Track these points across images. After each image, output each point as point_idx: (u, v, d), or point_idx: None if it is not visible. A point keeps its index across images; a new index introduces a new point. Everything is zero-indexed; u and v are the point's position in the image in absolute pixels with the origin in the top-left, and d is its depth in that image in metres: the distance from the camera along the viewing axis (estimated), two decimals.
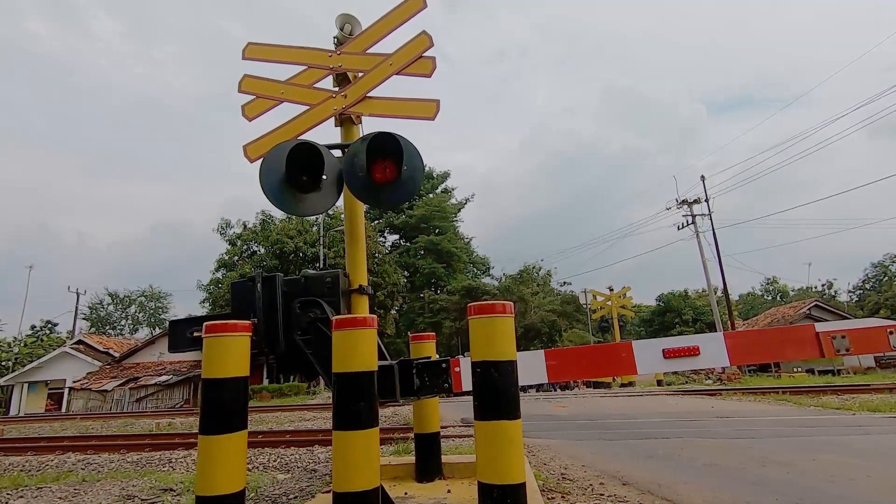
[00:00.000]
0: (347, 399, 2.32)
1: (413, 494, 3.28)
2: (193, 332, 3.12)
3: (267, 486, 4.62)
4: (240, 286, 3.14)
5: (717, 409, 9.97)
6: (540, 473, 4.46)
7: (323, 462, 6.04)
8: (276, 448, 7.28)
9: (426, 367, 2.88)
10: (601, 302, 30.91)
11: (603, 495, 3.76)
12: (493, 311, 2.34)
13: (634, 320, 46.26)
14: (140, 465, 6.69)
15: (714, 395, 13.84)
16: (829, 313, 29.79)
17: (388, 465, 3.83)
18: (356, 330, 2.40)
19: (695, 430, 7.25)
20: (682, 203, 28.98)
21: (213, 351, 2.41)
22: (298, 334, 3.00)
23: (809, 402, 10.57)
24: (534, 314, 38.11)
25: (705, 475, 4.35)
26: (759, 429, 7.05)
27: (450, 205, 47.48)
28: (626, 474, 4.46)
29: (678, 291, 51.24)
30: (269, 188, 3.15)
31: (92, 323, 56.65)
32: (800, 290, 58.19)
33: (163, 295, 62.31)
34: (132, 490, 4.81)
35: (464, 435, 7.64)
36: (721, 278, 27.17)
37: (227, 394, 2.38)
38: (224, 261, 36.54)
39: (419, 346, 3.84)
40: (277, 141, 3.48)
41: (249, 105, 3.89)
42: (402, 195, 3.28)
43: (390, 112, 3.63)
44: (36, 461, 7.35)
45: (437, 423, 3.79)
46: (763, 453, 5.14)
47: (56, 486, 5.32)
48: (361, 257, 3.52)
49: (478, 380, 2.32)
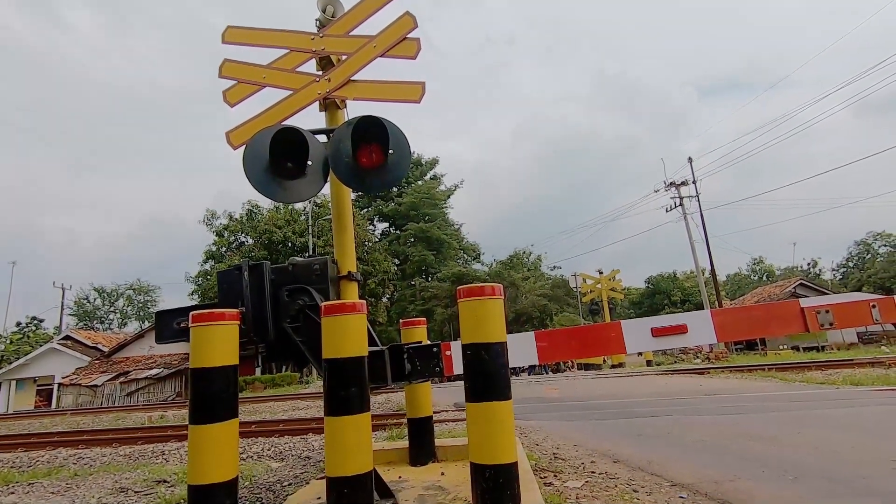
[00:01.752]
0: (339, 385, 2.31)
1: (407, 478, 3.30)
2: (180, 322, 3.09)
3: (261, 474, 4.63)
4: (226, 275, 3.10)
5: (705, 387, 10.15)
6: (532, 454, 4.52)
7: (317, 450, 6.07)
8: (269, 437, 7.29)
9: (417, 352, 2.88)
10: (591, 285, 31.19)
11: (594, 472, 3.82)
12: (482, 294, 2.34)
13: (624, 302, 46.81)
14: (133, 458, 6.67)
15: (702, 374, 14.10)
16: (813, 291, 30.35)
17: (382, 451, 3.85)
18: (345, 316, 2.38)
19: (683, 408, 7.38)
20: (669, 185, 29.19)
21: (200, 340, 2.39)
22: (287, 322, 2.98)
23: (795, 378, 10.81)
24: (525, 299, 38.35)
25: (694, 451, 4.43)
26: (745, 405, 7.20)
27: (439, 192, 47.28)
28: (616, 452, 4.54)
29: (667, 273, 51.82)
30: (253, 175, 3.10)
31: (79, 318, 56.00)
32: (785, 269, 59.12)
33: (151, 288, 61.68)
34: (125, 483, 4.79)
35: (457, 419, 7.71)
36: (709, 259, 27.54)
37: (217, 383, 2.36)
38: (212, 252, 36.22)
39: (410, 331, 3.84)
40: (260, 127, 3.42)
41: (231, 91, 3.81)
42: (390, 180, 3.24)
43: (375, 95, 3.57)
44: (27, 457, 7.29)
45: (429, 407, 3.81)
46: (749, 428, 5.25)
47: (47, 481, 5.28)
48: (350, 244, 3.50)
49: (468, 362, 2.32)
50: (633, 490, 3.30)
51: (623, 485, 3.45)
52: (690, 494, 3.17)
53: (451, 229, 47.09)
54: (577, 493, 3.26)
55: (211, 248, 36.45)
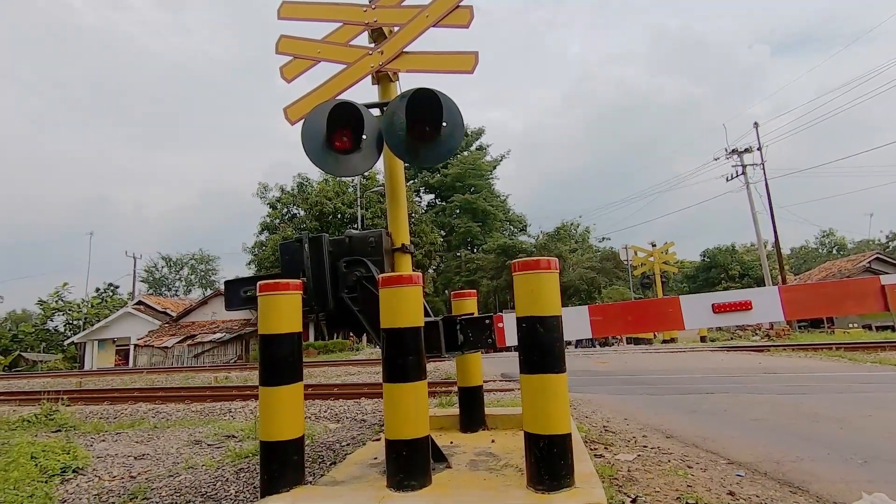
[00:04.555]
0: (397, 353, 2.40)
1: (459, 444, 3.41)
2: (247, 291, 3.27)
3: (320, 433, 4.92)
4: (288, 247, 3.24)
5: (765, 365, 9.75)
6: (582, 426, 4.54)
7: (370, 413, 6.35)
8: (325, 400, 7.68)
9: (470, 323, 2.92)
10: (643, 258, 30.25)
11: (647, 447, 3.80)
12: (537, 268, 2.33)
13: (678, 276, 45.13)
14: (203, 414, 7.23)
15: (762, 352, 13.51)
16: (891, 266, 28.05)
17: (434, 417, 3.98)
18: (402, 287, 2.45)
19: (741, 385, 7.14)
20: (731, 153, 27.46)
21: (267, 308, 2.53)
22: (345, 292, 3.10)
23: (865, 359, 10.16)
24: (572, 272, 37.74)
25: (753, 430, 4.31)
26: (810, 384, 6.87)
27: (485, 162, 46.73)
28: (668, 428, 4.48)
29: (725, 246, 49.30)
30: (310, 150, 3.18)
31: (149, 285, 60.31)
32: (860, 242, 54.86)
33: (211, 258, 65.34)
34: (199, 436, 5.22)
35: (504, 389, 7.82)
36: (773, 231, 25.94)
37: (283, 348, 2.50)
38: (266, 223, 37.73)
39: (461, 303, 3.90)
40: (317, 102, 3.48)
41: (287, 66, 3.88)
42: (443, 152, 3.24)
43: (427, 67, 3.54)
44: (112, 410, 8.06)
45: (479, 377, 3.89)
46: (814, 409, 5.03)
47: (132, 431, 5.84)
48: (403, 216, 3.55)
49: (523, 335, 2.34)
50: (686, 466, 3.27)
51: (676, 460, 3.41)
52: (748, 473, 3.10)
53: (496, 200, 46.67)
54: (628, 466, 3.27)
55: (265, 219, 37.94)
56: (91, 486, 3.52)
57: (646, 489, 2.80)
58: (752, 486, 2.86)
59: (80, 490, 3.46)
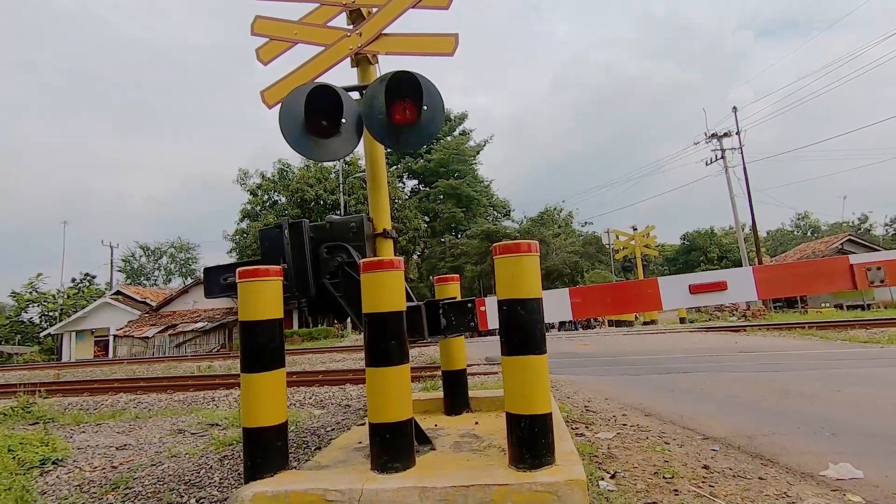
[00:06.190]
0: (379, 338, 2.40)
1: (443, 426, 3.45)
2: (227, 278, 3.23)
3: (305, 419, 4.93)
4: (268, 233, 3.20)
5: (741, 345, 10.03)
6: (564, 406, 4.63)
7: (355, 398, 6.37)
8: (310, 387, 7.68)
9: (452, 307, 2.94)
10: (624, 242, 30.64)
11: (626, 425, 3.90)
12: (518, 251, 2.35)
13: (658, 259, 45.89)
14: (186, 403, 7.17)
15: (738, 331, 13.88)
16: (863, 248, 28.93)
17: (418, 400, 4.01)
18: (384, 272, 2.44)
19: (718, 364, 7.34)
20: (711, 137, 27.83)
21: (247, 295, 2.50)
22: (327, 278, 3.08)
23: (836, 337, 10.52)
24: (555, 256, 38.11)
25: (727, 407, 4.45)
26: (783, 362, 7.09)
27: (468, 147, 46.56)
28: (648, 406, 4.60)
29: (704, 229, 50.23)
30: (289, 134, 3.13)
31: (127, 275, 59.19)
32: (833, 224, 56.36)
33: (191, 246, 64.29)
34: (182, 425, 5.19)
35: (488, 372, 7.92)
36: (750, 214, 26.49)
37: (264, 335, 2.49)
38: (247, 211, 37.20)
39: (444, 287, 3.91)
40: (294, 85, 3.41)
41: (264, 48, 3.79)
42: (424, 136, 3.21)
43: (407, 49, 3.49)
44: (92, 401, 7.94)
45: (463, 360, 3.92)
46: (786, 386, 5.20)
47: (113, 422, 5.78)
48: (384, 201, 3.52)
49: (504, 317, 2.36)
50: (664, 442, 3.36)
51: (654, 437, 3.51)
52: (723, 447, 3.21)
53: (480, 186, 46.63)
54: (608, 444, 3.35)
55: (246, 206, 37.39)
56: (72, 478, 3.48)
57: (625, 465, 2.88)
58: (726, 459, 2.96)
59: (60, 481, 3.42)
